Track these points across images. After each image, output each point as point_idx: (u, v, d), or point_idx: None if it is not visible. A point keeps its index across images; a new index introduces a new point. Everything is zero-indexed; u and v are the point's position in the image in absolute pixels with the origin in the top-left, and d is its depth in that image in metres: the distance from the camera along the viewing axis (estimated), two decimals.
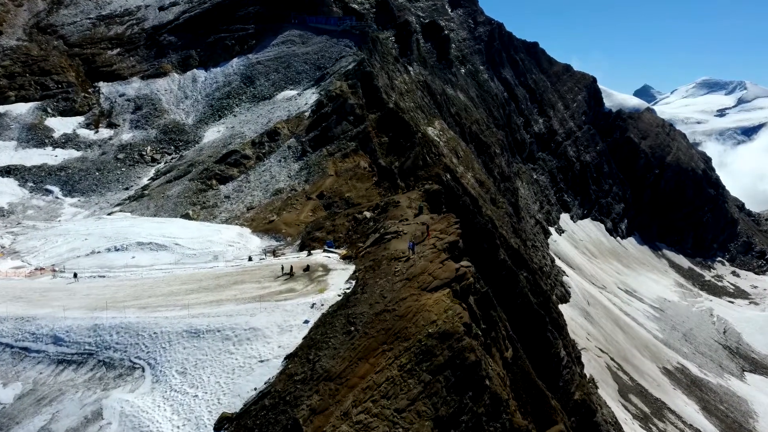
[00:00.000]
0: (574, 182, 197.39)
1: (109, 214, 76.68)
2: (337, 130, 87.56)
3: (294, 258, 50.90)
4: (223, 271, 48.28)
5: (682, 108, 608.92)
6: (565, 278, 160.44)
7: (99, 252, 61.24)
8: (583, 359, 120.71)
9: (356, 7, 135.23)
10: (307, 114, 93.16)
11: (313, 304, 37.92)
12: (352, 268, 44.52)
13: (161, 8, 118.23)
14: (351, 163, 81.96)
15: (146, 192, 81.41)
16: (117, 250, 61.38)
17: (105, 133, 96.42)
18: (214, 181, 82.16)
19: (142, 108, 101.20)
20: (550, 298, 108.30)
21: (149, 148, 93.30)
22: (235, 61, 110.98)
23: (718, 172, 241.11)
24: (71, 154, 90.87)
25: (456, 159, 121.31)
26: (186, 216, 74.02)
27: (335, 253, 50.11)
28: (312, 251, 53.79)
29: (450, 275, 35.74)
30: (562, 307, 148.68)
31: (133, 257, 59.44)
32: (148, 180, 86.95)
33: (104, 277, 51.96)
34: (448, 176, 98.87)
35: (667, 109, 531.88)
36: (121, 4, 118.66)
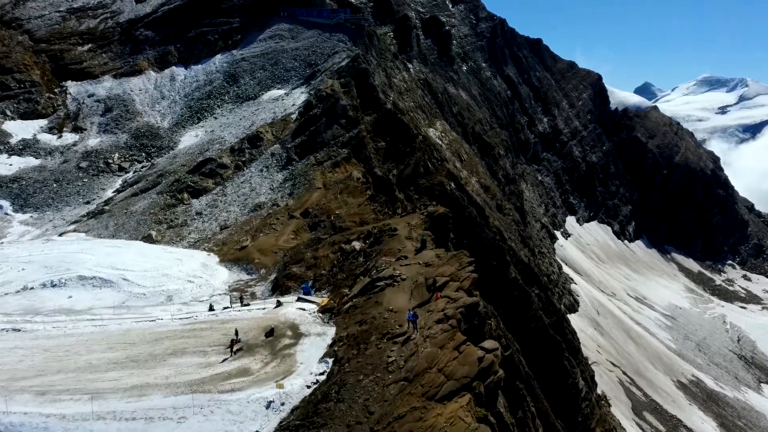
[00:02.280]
0: (579, 183, 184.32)
1: (60, 235, 63.86)
2: (327, 135, 74.67)
3: (259, 310, 38.06)
4: (167, 330, 35.53)
5: (684, 105, 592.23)
6: (573, 286, 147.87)
7: (32, 288, 48.47)
8: (595, 371, 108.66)
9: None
10: (294, 116, 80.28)
11: (270, 402, 25.30)
12: (331, 332, 31.80)
13: (138, 0, 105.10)
14: (342, 173, 69.08)
15: (107, 207, 68.56)
16: (54, 285, 48.66)
17: (69, 138, 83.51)
18: (185, 195, 69.32)
19: (112, 110, 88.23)
20: (564, 317, 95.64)
21: (117, 155, 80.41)
22: (218, 58, 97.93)
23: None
24: (28, 162, 77.99)
25: (459, 163, 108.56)
26: (148, 238, 61.24)
27: (312, 302, 37.41)
28: (284, 296, 41.08)
29: (470, 371, 23.18)
30: (571, 318, 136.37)
31: (70, 297, 46.75)
32: (113, 192, 74.12)
33: (19, 330, 39.24)
34: (452, 185, 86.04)
35: (668, 106, 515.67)
36: None
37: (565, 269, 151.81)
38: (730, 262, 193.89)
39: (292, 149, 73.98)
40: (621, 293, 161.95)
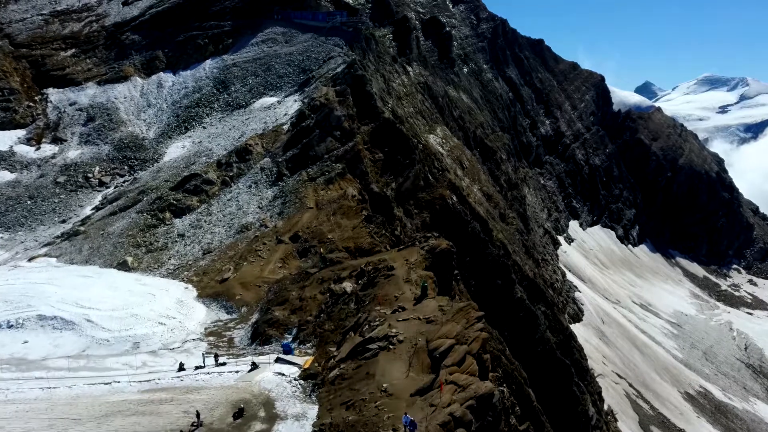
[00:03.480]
0: (582, 187, 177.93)
1: (29, 260, 57.79)
2: (320, 148, 68.42)
3: (232, 373, 31.80)
4: (120, 400, 29.45)
5: (684, 105, 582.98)
6: (577, 294, 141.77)
7: None
8: (600, 386, 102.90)
9: (350, 1, 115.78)
10: (286, 127, 74.00)
11: None
12: (312, 414, 25.68)
13: (125, 3, 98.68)
14: (336, 191, 62.87)
15: (83, 228, 62.36)
16: (10, 326, 42.59)
17: (48, 149, 77.32)
18: (167, 214, 63.12)
19: (95, 119, 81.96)
20: (572, 336, 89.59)
21: (97, 168, 74.20)
22: (208, 63, 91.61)
23: None
24: (2, 177, 71.79)
25: (461, 170, 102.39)
26: (123, 265, 55.08)
27: (294, 364, 31.34)
28: (264, 348, 35.00)
29: None
30: (576, 327, 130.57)
31: (26, 342, 40.69)
32: (92, 210, 67.90)
33: None
34: (454, 198, 79.84)
35: (668, 106, 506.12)
36: None
37: (569, 276, 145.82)
38: (735, 266, 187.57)
39: (283, 163, 67.78)
40: (626, 300, 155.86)
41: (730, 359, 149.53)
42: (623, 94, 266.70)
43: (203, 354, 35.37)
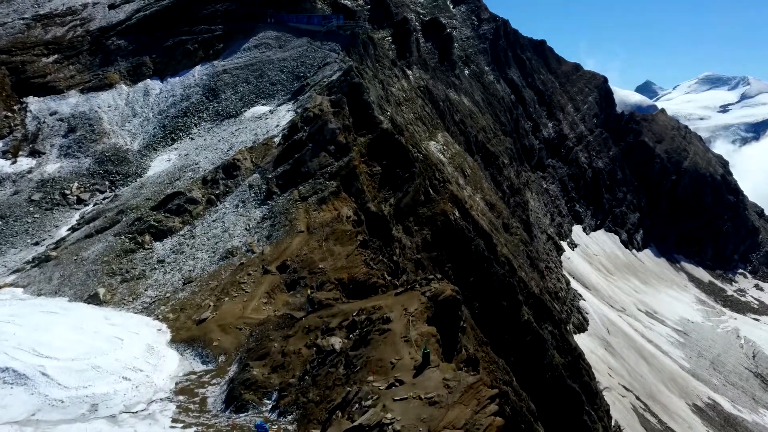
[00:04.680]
0: (586, 191, 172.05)
1: None
2: (313, 164, 62.48)
3: None
4: None
5: (685, 104, 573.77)
6: (582, 303, 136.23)
7: None
8: (607, 399, 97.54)
9: (348, 3, 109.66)
10: (277, 140, 68.06)
11: None
12: None
13: (111, 6, 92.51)
14: (329, 212, 56.97)
15: (54, 254, 56.53)
16: None
17: (24, 163, 71.41)
18: (147, 237, 57.26)
19: (76, 130, 76.04)
20: (581, 356, 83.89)
21: (76, 184, 68.31)
22: (198, 70, 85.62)
23: None
24: None
25: (463, 179, 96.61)
26: (94, 298, 49.23)
27: None
28: (236, 424, 29.16)
29: None
30: (580, 337, 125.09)
31: None
32: (67, 231, 62.04)
33: None
34: (456, 214, 74.01)
35: (669, 105, 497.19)
36: (64, 1, 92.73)
37: (573, 284, 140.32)
38: (741, 270, 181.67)
39: (273, 180, 61.88)
40: (631, 308, 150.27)
41: (738, 368, 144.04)
42: (624, 93, 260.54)
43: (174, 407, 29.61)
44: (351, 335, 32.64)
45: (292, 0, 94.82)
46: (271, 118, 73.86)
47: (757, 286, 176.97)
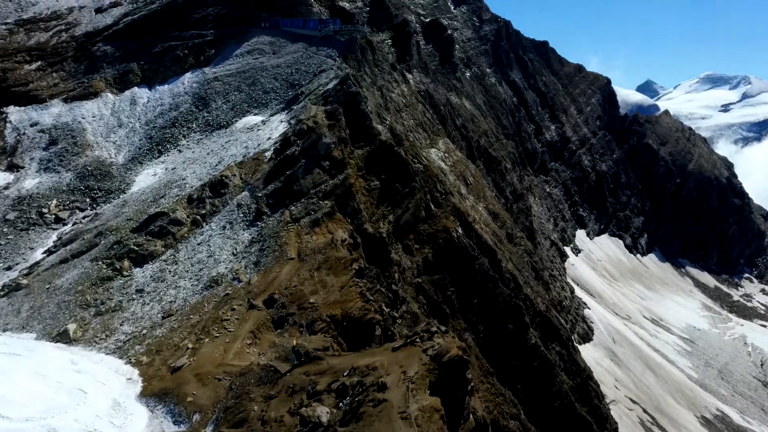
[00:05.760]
0: (589, 194, 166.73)
1: None
2: (306, 182, 57.34)
3: None
4: None
5: (686, 104, 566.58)
6: (586, 311, 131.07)
7: None
8: (614, 414, 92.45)
9: (346, 5, 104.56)
10: (268, 154, 62.86)
11: None
12: None
13: (98, 10, 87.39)
14: (322, 235, 51.86)
15: (25, 281, 51.53)
16: None
17: (1, 178, 66.43)
18: (126, 263, 52.23)
19: (58, 142, 71.00)
20: (590, 377, 78.84)
21: (55, 202, 63.27)
22: (188, 77, 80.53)
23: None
24: None
25: (465, 188, 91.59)
26: (63, 335, 44.21)
27: None
28: None
29: None
30: (586, 348, 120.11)
31: None
32: (43, 254, 57.07)
33: None
34: (459, 231, 68.82)
35: (670, 104, 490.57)
36: (49, 6, 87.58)
37: (578, 292, 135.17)
38: (747, 275, 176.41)
39: (263, 199, 56.78)
40: (636, 315, 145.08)
41: (747, 377, 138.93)
42: (625, 93, 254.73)
43: None
44: (341, 403, 27.60)
45: (288, 3, 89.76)
46: (263, 130, 68.70)
47: (763, 291, 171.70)
